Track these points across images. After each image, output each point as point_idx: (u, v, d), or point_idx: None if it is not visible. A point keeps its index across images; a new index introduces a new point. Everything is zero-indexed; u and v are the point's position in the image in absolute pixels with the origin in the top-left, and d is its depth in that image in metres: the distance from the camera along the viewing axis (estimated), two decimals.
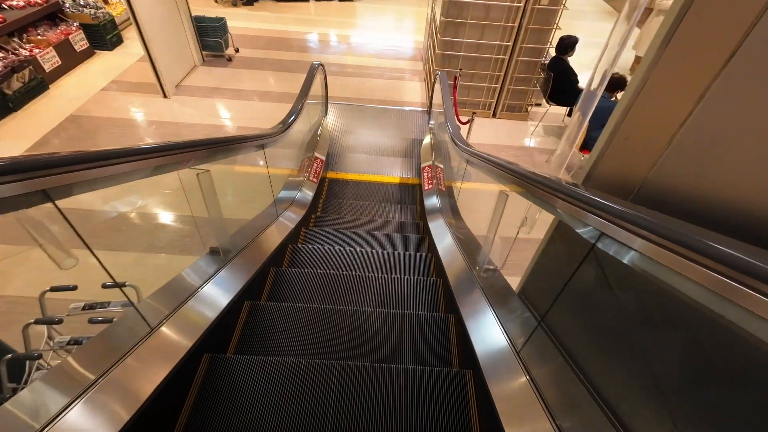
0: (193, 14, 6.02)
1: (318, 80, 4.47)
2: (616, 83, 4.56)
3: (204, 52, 6.37)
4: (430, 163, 4.22)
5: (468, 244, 2.43)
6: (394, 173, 4.56)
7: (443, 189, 3.81)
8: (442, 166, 4.14)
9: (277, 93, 5.93)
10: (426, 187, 3.95)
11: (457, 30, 4.82)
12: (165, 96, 5.41)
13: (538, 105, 5.89)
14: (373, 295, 2.30)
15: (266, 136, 2.41)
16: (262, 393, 1.53)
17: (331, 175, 4.47)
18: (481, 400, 1.52)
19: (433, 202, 3.55)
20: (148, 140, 4.80)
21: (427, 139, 4.72)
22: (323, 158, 4.16)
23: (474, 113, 3.99)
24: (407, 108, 5.75)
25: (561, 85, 4.87)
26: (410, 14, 9.21)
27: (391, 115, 5.55)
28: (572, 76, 4.83)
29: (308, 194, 3.61)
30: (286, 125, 2.81)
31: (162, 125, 4.95)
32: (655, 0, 5.84)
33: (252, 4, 8.67)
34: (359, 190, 4.29)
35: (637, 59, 6.64)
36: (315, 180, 3.88)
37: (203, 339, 1.50)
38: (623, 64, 6.96)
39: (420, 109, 5.76)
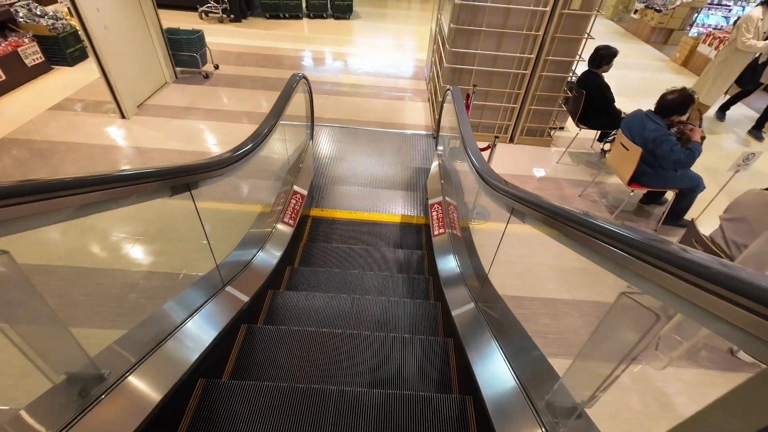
0: (168, 27, 5.29)
1: (301, 97, 3.64)
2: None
3: (177, 69, 5.59)
4: (440, 199, 3.33)
5: (527, 360, 1.51)
6: (395, 210, 3.67)
7: (458, 233, 2.90)
8: (455, 202, 3.26)
9: (259, 113, 5.11)
10: (436, 232, 3.04)
11: (470, 40, 4.04)
12: (123, 116, 4.57)
13: (561, 129, 5.08)
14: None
15: (194, 171, 1.51)
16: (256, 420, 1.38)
17: (315, 212, 3.57)
18: None
19: (447, 260, 2.63)
20: (93, 169, 3.92)
21: (435, 168, 3.84)
22: (304, 192, 3.27)
23: (496, 137, 3.16)
24: (409, 131, 4.93)
25: (594, 105, 4.06)
26: (410, 32, 8.58)
27: (391, 140, 4.71)
28: (608, 94, 4.02)
29: (279, 245, 2.69)
30: (238, 153, 1.93)
31: (110, 150, 4.08)
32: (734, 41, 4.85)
33: (240, 21, 8.02)
34: (350, 232, 3.38)
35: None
36: (292, 222, 2.97)
37: None
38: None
39: (424, 132, 4.94)
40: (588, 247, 1.02)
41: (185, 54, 5.46)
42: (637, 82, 6.93)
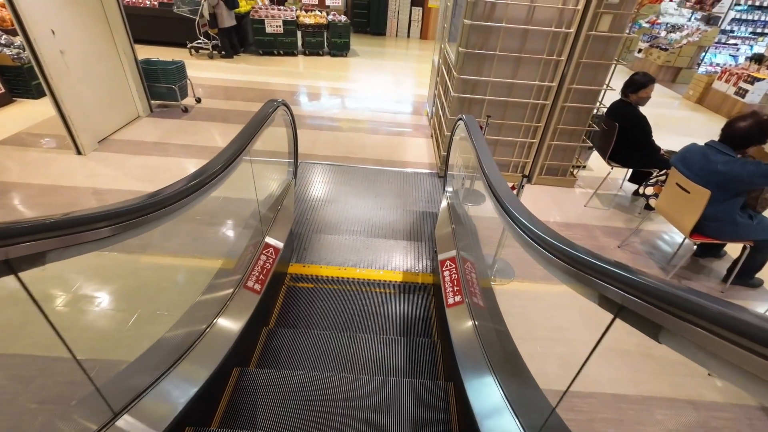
0: (147, 58, 4.80)
1: (282, 130, 3.02)
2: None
3: (153, 102, 5.05)
4: (453, 254, 2.59)
5: None
6: (395, 264, 2.94)
7: (480, 303, 2.16)
8: (471, 257, 2.54)
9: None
10: (451, 300, 2.28)
11: (481, 66, 3.50)
12: (79, 152, 3.94)
13: (583, 167, 4.47)
14: None
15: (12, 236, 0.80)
16: None
17: (294, 269, 2.83)
18: None
19: (471, 350, 1.86)
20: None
21: (444, 213, 3.14)
22: (279, 245, 2.54)
23: (525, 177, 2.50)
24: (410, 170, 4.30)
25: (628, 139, 3.44)
26: (409, 70, 8.25)
27: (390, 179, 4.07)
28: (645, 126, 3.42)
29: (237, 319, 1.94)
30: (159, 200, 1.24)
31: (50, 192, 3.39)
32: None
33: (232, 57, 7.67)
34: (338, 298, 2.62)
35: None
36: (258, 287, 2.22)
37: None
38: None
39: (427, 171, 4.31)
40: None
41: (162, 86, 4.94)
42: (656, 119, 6.43)
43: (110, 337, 2.30)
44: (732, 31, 8.57)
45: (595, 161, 4.55)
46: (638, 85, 3.29)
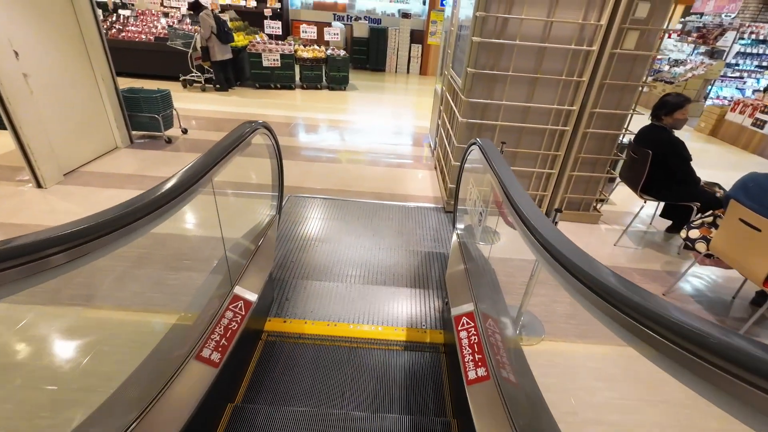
0: (131, 87, 4.49)
1: (261, 155, 2.59)
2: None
3: (135, 132, 4.68)
4: (470, 309, 2.06)
5: None
6: (397, 318, 2.40)
7: (511, 378, 1.62)
8: (494, 313, 2.02)
9: (222, 182, 4.07)
10: (472, 375, 1.73)
11: (492, 88, 3.12)
12: (39, 186, 3.49)
13: (602, 201, 4.01)
14: None
15: None
16: None
17: (273, 325, 2.29)
18: None
19: None
20: None
21: (455, 255, 2.63)
22: (252, 297, 2.01)
23: (557, 211, 2.03)
24: (412, 204, 3.83)
25: (663, 168, 3.01)
26: (409, 103, 8.03)
27: (390, 214, 3.59)
28: (684, 152, 2.98)
29: (187, 398, 1.39)
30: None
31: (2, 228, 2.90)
32: None
33: (226, 90, 7.45)
34: (327, 362, 2.06)
35: None
36: (217, 359, 1.67)
37: None
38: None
39: (432, 205, 3.84)
40: None
41: (144, 115, 4.58)
42: None
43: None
44: (737, 65, 8.45)
45: (619, 194, 4.10)
46: (673, 106, 2.89)
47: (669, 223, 3.61)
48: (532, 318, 2.48)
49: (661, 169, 3.01)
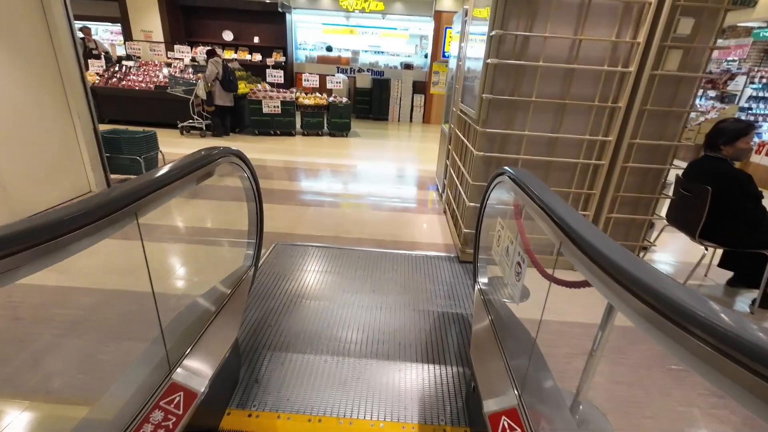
0: (114, 128, 4.15)
1: (235, 193, 2.10)
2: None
3: (114, 175, 4.27)
4: (513, 404, 1.42)
5: None
6: (404, 409, 1.74)
7: None
8: (546, 409, 1.39)
9: (204, 228, 3.57)
10: None
11: (512, 117, 2.69)
12: None
13: (646, 249, 3.42)
14: None
15: None
16: None
17: (232, 422, 1.64)
18: None
19: None
20: None
21: (482, 320, 2.01)
22: (199, 386, 1.41)
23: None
24: (420, 252, 3.27)
25: (725, 209, 2.47)
26: (413, 149, 7.75)
27: (394, 264, 3.01)
28: (751, 187, 2.45)
29: None
30: None
31: None
32: None
33: (221, 137, 7.20)
34: None
35: None
36: None
37: None
38: None
39: (444, 253, 3.27)
40: None
41: (125, 157, 4.19)
42: None
43: None
44: (750, 108, 8.22)
45: (663, 239, 3.53)
46: (734, 133, 2.42)
47: (729, 274, 3.00)
48: (591, 409, 1.81)
49: (722, 209, 2.47)
